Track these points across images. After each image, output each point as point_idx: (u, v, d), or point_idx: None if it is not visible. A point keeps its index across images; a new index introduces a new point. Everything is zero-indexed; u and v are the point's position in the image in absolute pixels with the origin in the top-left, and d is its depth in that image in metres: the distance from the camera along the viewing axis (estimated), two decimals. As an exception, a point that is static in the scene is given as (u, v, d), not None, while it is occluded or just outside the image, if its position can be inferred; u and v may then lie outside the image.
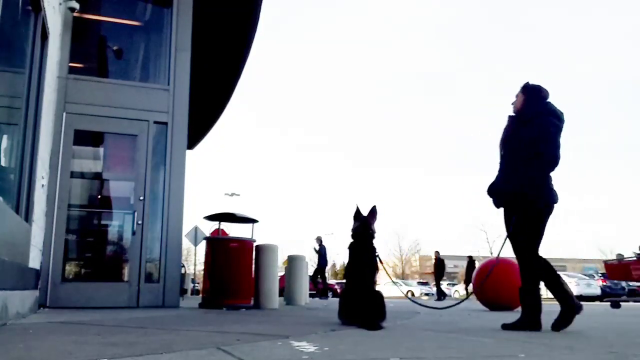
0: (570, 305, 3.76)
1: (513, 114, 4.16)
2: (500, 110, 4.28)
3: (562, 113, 4.02)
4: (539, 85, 4.14)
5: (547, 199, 3.90)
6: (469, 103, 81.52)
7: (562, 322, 3.77)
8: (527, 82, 4.16)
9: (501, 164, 4.08)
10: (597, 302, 19.21)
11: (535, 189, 3.86)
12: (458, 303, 4.93)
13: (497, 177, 4.07)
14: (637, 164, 77.05)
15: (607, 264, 12.66)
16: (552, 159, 3.87)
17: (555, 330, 3.73)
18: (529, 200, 3.86)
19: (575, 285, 21.18)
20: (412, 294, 29.81)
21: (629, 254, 12.35)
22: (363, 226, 4.26)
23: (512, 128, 4.08)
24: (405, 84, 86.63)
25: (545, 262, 3.89)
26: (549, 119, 3.93)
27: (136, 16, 8.50)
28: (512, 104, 4.19)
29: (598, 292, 22.21)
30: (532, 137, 3.89)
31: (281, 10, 69.71)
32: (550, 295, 3.92)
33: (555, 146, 3.89)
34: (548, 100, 4.07)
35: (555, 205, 3.94)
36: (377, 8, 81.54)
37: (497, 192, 4.02)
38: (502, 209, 4.09)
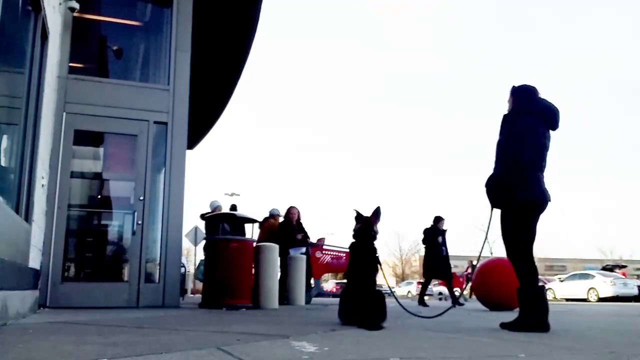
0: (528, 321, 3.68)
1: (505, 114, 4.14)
2: (500, 110, 4.27)
3: (552, 111, 3.95)
4: (525, 85, 4.12)
5: (517, 196, 3.83)
6: (469, 103, 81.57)
7: (511, 325, 3.75)
8: (514, 85, 4.16)
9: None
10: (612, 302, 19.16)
11: (498, 186, 3.88)
12: (445, 312, 4.72)
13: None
14: (637, 164, 77.06)
15: None
16: (517, 157, 3.83)
17: (501, 327, 3.79)
18: (496, 198, 3.91)
19: (611, 285, 20.63)
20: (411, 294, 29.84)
21: (628, 254, 12.27)
22: (365, 226, 4.25)
23: (500, 129, 4.05)
24: (404, 83, 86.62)
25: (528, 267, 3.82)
26: (526, 119, 3.91)
27: (136, 16, 8.50)
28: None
29: (635, 292, 20.94)
30: (507, 137, 3.93)
31: (282, 10, 69.80)
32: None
33: (523, 145, 3.83)
34: (538, 98, 4.02)
35: (537, 203, 3.84)
36: (380, 8, 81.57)
37: (486, 187, 4.02)
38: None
